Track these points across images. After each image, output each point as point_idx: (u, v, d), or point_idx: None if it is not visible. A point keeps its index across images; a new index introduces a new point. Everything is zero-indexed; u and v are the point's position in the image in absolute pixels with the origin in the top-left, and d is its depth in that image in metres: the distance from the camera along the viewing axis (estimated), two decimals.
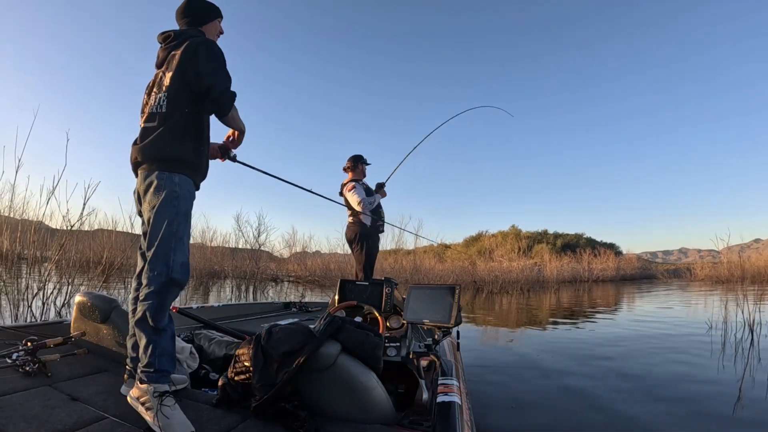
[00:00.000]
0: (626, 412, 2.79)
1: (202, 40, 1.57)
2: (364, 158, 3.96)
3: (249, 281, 12.57)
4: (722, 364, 4.01)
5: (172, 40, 1.63)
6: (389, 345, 2.23)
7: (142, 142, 1.53)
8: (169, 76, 1.52)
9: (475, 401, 2.30)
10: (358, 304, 2.56)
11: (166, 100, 1.52)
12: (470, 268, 16.56)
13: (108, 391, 1.41)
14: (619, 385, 3.35)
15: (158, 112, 1.53)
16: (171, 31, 1.67)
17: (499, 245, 23.33)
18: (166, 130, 1.50)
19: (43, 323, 2.06)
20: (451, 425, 1.20)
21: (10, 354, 1.55)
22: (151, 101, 1.57)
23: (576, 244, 32.75)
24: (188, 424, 1.22)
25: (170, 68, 1.54)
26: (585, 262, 23.57)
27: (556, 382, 3.43)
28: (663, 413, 2.76)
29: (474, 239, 33.26)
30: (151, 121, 1.54)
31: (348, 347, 1.33)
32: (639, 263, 32.24)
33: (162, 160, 1.49)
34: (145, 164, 1.51)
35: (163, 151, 1.49)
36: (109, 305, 1.78)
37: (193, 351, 1.99)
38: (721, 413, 2.74)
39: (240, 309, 3.42)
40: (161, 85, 1.55)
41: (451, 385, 1.47)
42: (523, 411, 2.80)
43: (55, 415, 1.19)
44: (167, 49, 1.62)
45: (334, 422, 1.26)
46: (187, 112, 1.53)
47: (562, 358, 4.28)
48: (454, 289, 1.87)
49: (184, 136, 1.53)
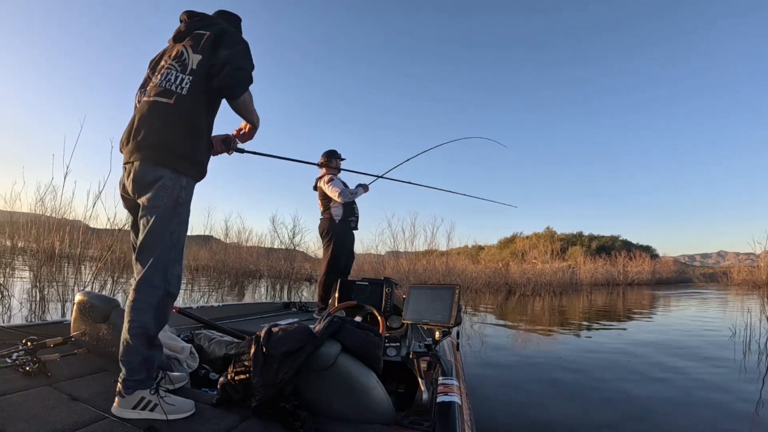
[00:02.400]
0: (627, 413, 2.79)
1: (231, 32, 1.47)
2: (338, 153, 3.95)
3: (284, 281, 12.66)
4: (743, 375, 3.86)
5: (200, 20, 1.49)
6: (389, 345, 2.23)
7: (149, 123, 1.35)
8: (197, 60, 1.38)
9: (476, 401, 2.30)
10: (358, 304, 2.56)
11: (189, 84, 1.36)
12: (503, 270, 16.49)
13: (108, 391, 1.41)
14: (623, 388, 3.33)
15: (177, 91, 1.36)
16: (197, 11, 1.52)
17: (532, 247, 23.19)
18: (182, 116, 1.35)
19: (43, 323, 2.06)
20: (451, 425, 1.20)
21: (10, 354, 1.54)
22: (165, 77, 1.39)
23: (611, 247, 32.48)
24: (189, 402, 1.30)
25: (198, 49, 1.39)
26: (620, 265, 23.24)
27: (562, 384, 3.40)
28: (669, 417, 2.75)
29: (508, 241, 33.32)
30: (165, 96, 1.35)
31: (348, 347, 1.33)
32: (675, 267, 31.74)
33: (174, 156, 1.34)
34: (152, 155, 1.33)
35: (177, 144, 1.35)
36: (109, 305, 1.78)
37: (193, 351, 1.99)
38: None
39: (240, 309, 3.42)
40: (185, 65, 1.39)
41: (451, 385, 1.47)
42: (528, 411, 2.79)
43: (55, 415, 1.19)
44: (190, 25, 1.48)
45: (334, 422, 1.26)
46: (207, 103, 1.42)
47: (578, 362, 4.23)
48: (454, 289, 1.87)
49: (200, 131, 1.40)
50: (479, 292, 13.93)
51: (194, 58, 1.39)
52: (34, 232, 6.18)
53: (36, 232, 6.14)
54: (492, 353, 4.52)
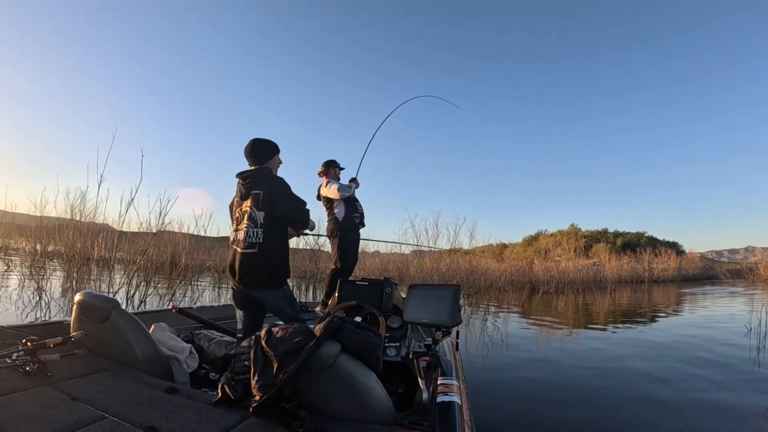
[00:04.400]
0: (628, 415, 2.79)
1: (274, 183, 2.11)
2: (337, 162, 4.17)
3: (309, 281, 12.78)
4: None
5: (250, 180, 2.17)
6: (389, 345, 2.23)
7: (247, 267, 2.10)
8: (261, 216, 2.08)
9: (475, 401, 2.30)
10: (358, 304, 2.55)
11: (263, 234, 2.08)
12: (527, 269, 16.51)
13: (108, 391, 1.41)
14: (626, 390, 3.32)
15: (257, 242, 2.08)
16: (246, 172, 2.21)
17: (556, 245, 23.04)
18: (268, 257, 2.09)
19: (43, 323, 2.06)
20: (451, 425, 1.20)
21: (10, 354, 1.54)
22: (247, 234, 2.10)
23: (637, 243, 32.21)
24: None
25: (259, 207, 2.09)
26: (645, 262, 23.16)
27: (568, 385, 3.41)
28: (674, 419, 2.73)
29: (533, 239, 33.12)
30: (251, 248, 2.09)
31: (348, 347, 1.33)
32: (702, 263, 31.58)
33: (271, 284, 2.13)
34: (258, 287, 2.12)
35: (267, 278, 2.11)
36: (109, 305, 1.78)
37: (193, 351, 1.99)
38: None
39: None
40: (255, 222, 2.09)
41: (451, 385, 1.47)
42: (536, 411, 2.79)
43: (55, 415, 1.19)
44: (247, 187, 2.16)
45: (334, 422, 1.26)
46: (280, 238, 2.15)
47: (585, 361, 4.25)
48: (455, 289, 1.87)
49: (282, 258, 2.16)
50: (502, 290, 14.00)
51: (259, 215, 2.10)
52: (70, 236, 6.69)
53: (72, 236, 6.66)
54: (505, 351, 4.54)
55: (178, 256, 9.84)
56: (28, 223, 9.61)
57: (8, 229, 11.53)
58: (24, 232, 10.70)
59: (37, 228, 8.80)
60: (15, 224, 11.35)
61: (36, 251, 9.28)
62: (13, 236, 11.85)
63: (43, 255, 8.66)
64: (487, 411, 2.68)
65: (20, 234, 11.63)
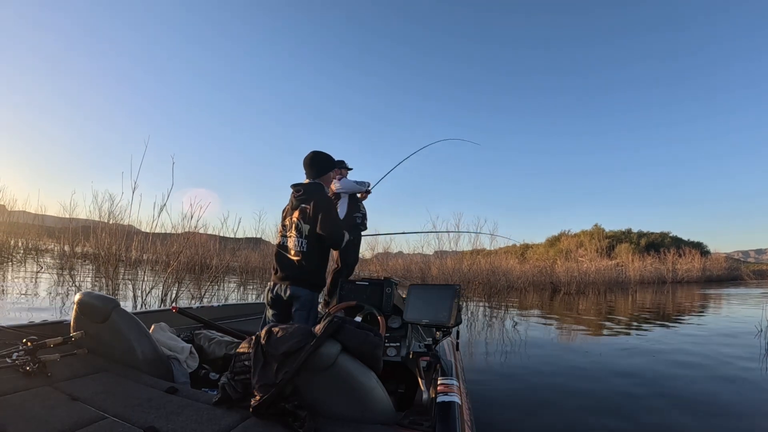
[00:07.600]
0: (629, 416, 2.79)
1: (320, 202, 2.32)
2: (345, 163, 4.11)
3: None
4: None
5: (303, 194, 2.38)
6: (389, 345, 2.23)
7: (291, 270, 2.35)
8: (307, 229, 2.31)
9: (475, 401, 2.30)
10: (358, 304, 2.55)
11: (307, 244, 2.33)
12: (548, 269, 16.48)
13: (108, 391, 1.41)
14: (628, 390, 3.32)
15: (302, 250, 2.33)
16: (300, 186, 2.43)
17: (579, 245, 22.84)
18: (310, 264, 2.33)
19: (43, 323, 2.06)
20: (451, 425, 1.19)
21: (10, 354, 1.54)
22: (295, 243, 2.35)
23: (660, 244, 32.02)
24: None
25: (307, 221, 2.31)
26: (669, 263, 22.94)
27: (572, 386, 3.40)
28: (678, 421, 2.73)
29: (556, 239, 32.90)
30: (297, 256, 2.34)
31: (348, 347, 1.33)
32: (726, 263, 31.24)
33: (309, 285, 2.34)
34: (298, 285, 2.32)
35: (308, 281, 2.33)
36: (109, 305, 1.78)
37: (193, 351, 1.99)
38: None
39: (240, 309, 3.41)
40: (301, 232, 2.33)
41: (451, 385, 1.47)
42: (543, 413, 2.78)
43: (55, 415, 1.19)
44: (298, 199, 2.39)
45: (334, 422, 1.26)
46: (322, 249, 2.37)
47: (591, 363, 4.22)
48: (455, 289, 1.87)
49: (321, 267, 2.40)
50: (524, 290, 13.97)
51: (305, 227, 2.32)
52: (106, 238, 7.06)
53: (108, 240, 7.02)
54: (522, 350, 4.55)
55: (208, 258, 10.25)
56: (56, 225, 10.00)
57: (39, 231, 11.92)
58: (54, 233, 11.10)
59: (66, 230, 9.28)
60: (45, 226, 11.83)
61: (65, 252, 9.67)
62: (42, 238, 12.27)
63: (73, 255, 8.98)
64: (487, 411, 2.68)
65: (49, 236, 12.16)
